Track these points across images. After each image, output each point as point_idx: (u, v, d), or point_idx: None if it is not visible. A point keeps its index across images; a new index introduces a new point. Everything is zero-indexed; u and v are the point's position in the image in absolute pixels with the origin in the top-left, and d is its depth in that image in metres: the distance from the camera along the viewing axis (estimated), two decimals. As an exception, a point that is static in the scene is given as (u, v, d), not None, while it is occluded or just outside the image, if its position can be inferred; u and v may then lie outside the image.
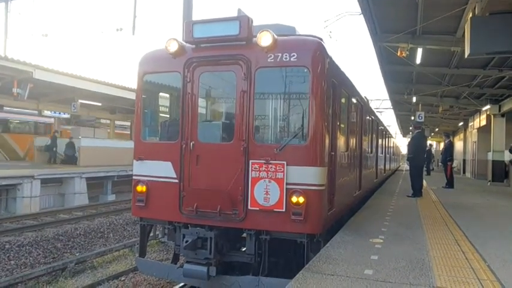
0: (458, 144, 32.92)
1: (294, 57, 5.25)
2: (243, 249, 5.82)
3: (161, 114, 7.03)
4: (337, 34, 56.81)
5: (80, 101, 22.38)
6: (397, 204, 9.94)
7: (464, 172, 29.25)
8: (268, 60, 5.33)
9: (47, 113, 28.44)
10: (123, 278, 8.77)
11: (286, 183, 5.17)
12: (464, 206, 10.28)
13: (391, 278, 4.13)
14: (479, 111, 22.10)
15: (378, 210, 8.81)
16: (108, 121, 32.51)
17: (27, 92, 17.67)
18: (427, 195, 12.24)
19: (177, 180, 5.69)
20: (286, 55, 5.27)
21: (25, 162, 23.84)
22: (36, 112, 27.37)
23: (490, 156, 20.23)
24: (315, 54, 5.35)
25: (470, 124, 26.64)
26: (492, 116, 19.97)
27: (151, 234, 6.58)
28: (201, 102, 6.17)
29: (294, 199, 5.14)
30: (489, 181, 19.78)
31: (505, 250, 5.53)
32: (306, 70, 5.29)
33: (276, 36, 5.27)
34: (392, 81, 17.89)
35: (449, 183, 15.54)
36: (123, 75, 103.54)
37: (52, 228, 12.44)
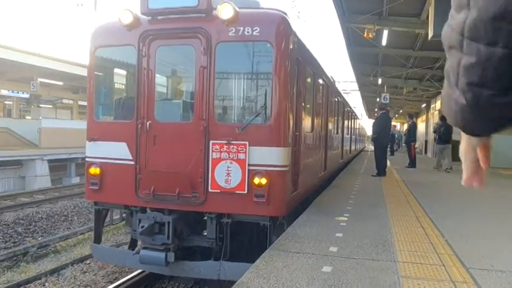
0: (421, 126, 33.84)
1: (257, 31, 4.97)
2: (204, 234, 5.61)
3: (116, 92, 6.60)
4: (305, 15, 56.53)
5: (39, 79, 21.24)
6: (361, 184, 10.04)
7: (426, 152, 30.16)
8: (229, 34, 5.02)
9: (4, 92, 26.94)
10: (88, 262, 8.41)
11: (249, 165, 4.97)
12: (425, 185, 10.55)
13: (355, 254, 4.21)
14: (440, 94, 22.65)
15: (343, 190, 8.85)
16: (71, 101, 31.30)
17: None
18: (390, 175, 12.46)
19: (132, 162, 5.36)
20: (248, 29, 4.98)
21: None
22: None
23: (450, 137, 20.82)
24: (279, 28, 5.09)
25: (432, 106, 27.33)
26: (453, 98, 20.48)
27: (107, 219, 6.24)
28: (159, 79, 5.79)
29: (257, 181, 4.95)
30: (449, 161, 20.44)
31: (461, 225, 5.74)
32: (269, 45, 5.04)
33: (237, 9, 4.95)
34: (358, 63, 17.98)
35: (412, 163, 15.91)
36: (85, 53, 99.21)
37: (12, 212, 11.88)
